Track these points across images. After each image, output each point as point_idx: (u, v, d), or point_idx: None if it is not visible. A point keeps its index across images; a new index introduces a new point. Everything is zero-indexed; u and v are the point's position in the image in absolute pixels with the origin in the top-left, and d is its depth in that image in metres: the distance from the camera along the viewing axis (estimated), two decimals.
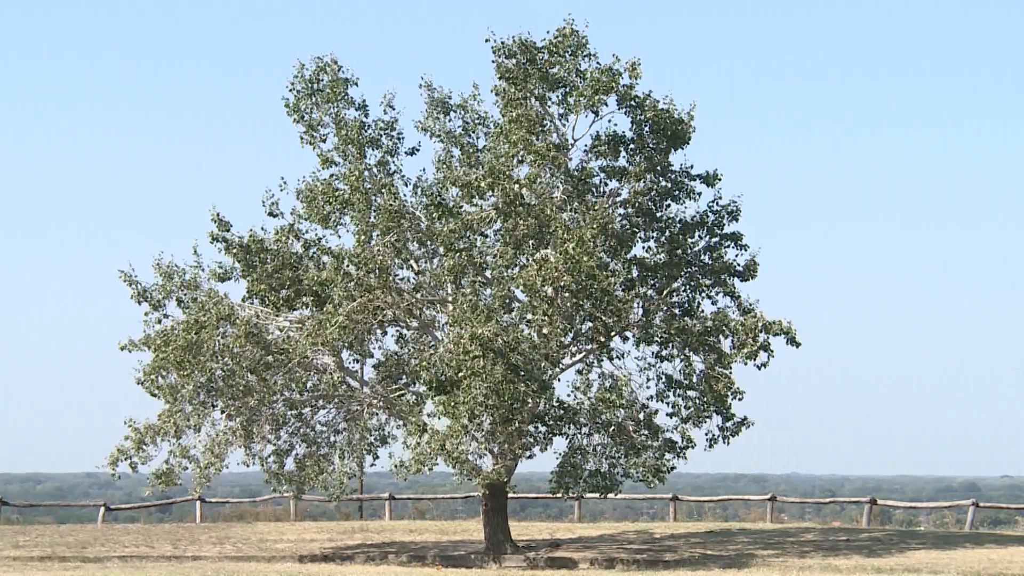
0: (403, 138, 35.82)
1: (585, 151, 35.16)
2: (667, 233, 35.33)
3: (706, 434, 34.57)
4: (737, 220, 35.62)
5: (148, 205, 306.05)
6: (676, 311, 34.92)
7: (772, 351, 33.98)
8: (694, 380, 34.50)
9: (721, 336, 34.22)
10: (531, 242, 34.04)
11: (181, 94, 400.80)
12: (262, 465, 34.90)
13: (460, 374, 32.09)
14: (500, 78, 34.50)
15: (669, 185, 35.19)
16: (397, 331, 35.91)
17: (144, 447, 33.62)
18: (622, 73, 34.26)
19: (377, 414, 34.97)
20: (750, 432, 34.86)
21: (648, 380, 34.96)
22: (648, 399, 34.68)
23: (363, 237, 34.74)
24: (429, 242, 34.94)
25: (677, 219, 35.41)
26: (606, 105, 34.60)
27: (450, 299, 34.16)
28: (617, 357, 35.20)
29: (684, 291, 35.33)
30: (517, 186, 34.00)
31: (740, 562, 32.48)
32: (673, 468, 34.62)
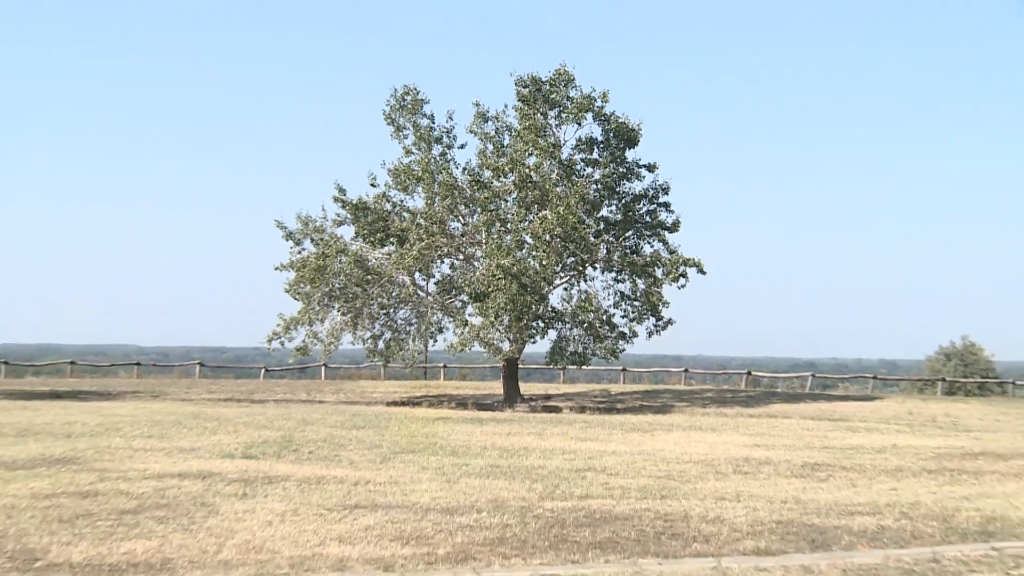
0: (456, 138, 35.76)
1: (571, 148, 35.24)
2: (623, 202, 35.42)
3: (646, 329, 34.90)
4: (667, 193, 35.81)
5: (298, 177, 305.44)
6: (627, 251, 35.00)
7: (688, 277, 34.25)
8: (638, 295, 34.71)
9: (656, 267, 34.40)
10: (536, 206, 34.16)
11: (322, 103, 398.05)
12: (363, 344, 35.23)
13: (489, 289, 32.34)
14: (519, 100, 34.68)
15: (624, 171, 35.30)
16: (450, 261, 36.05)
17: (289, 331, 34.03)
18: (596, 99, 34.38)
19: (436, 313, 35.15)
20: (673, 328, 35.14)
21: (609, 295, 35.19)
22: (608, 307, 34.88)
23: (429, 201, 34.84)
24: (471, 205, 34.98)
25: (629, 193, 35.49)
26: (586, 119, 34.77)
27: (483, 242, 34.24)
28: (589, 280, 35.39)
29: (632, 239, 35.42)
30: (528, 170, 34.13)
31: (665, 409, 32.78)
32: (623, 350, 34.85)
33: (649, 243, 35.40)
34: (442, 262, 35.94)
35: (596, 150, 35.15)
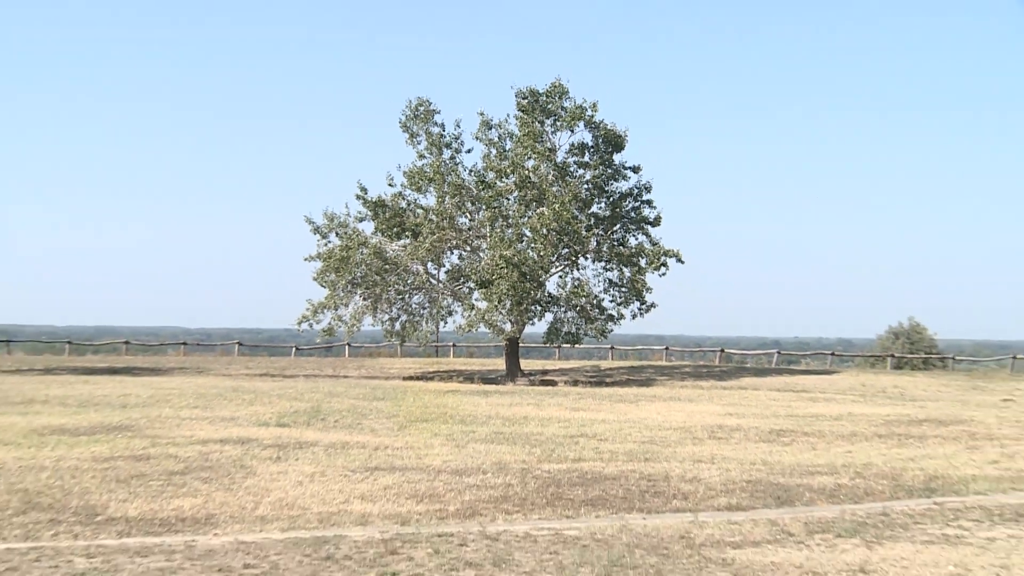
0: (464, 143, 35.54)
1: (565, 153, 35.01)
2: (611, 200, 35.25)
3: (631, 312, 34.80)
4: (650, 192, 35.58)
5: (324, 178, 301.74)
6: (615, 243, 34.90)
7: (668, 266, 34.18)
8: (624, 282, 34.61)
9: (640, 258, 34.32)
10: (534, 204, 34.04)
11: (347, 113, 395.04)
12: (382, 326, 35.18)
13: (493, 277, 32.31)
14: (519, 109, 34.60)
15: (612, 172, 35.13)
16: (459, 252, 35.95)
17: (317, 315, 33.92)
18: (587, 109, 34.25)
19: (447, 298, 35.12)
20: (655, 311, 35.05)
21: (598, 282, 35.03)
22: (598, 293, 34.76)
23: (440, 199, 34.70)
24: (477, 203, 34.90)
25: (616, 192, 35.34)
26: (578, 127, 34.59)
27: (488, 235, 34.20)
28: (581, 269, 35.25)
29: (619, 232, 35.28)
30: (527, 172, 34.05)
31: (648, 383, 32.80)
32: (611, 331, 34.83)
33: (634, 236, 35.30)
34: (451, 253, 35.84)
35: (587, 154, 35.03)
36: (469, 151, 35.95)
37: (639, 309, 34.69)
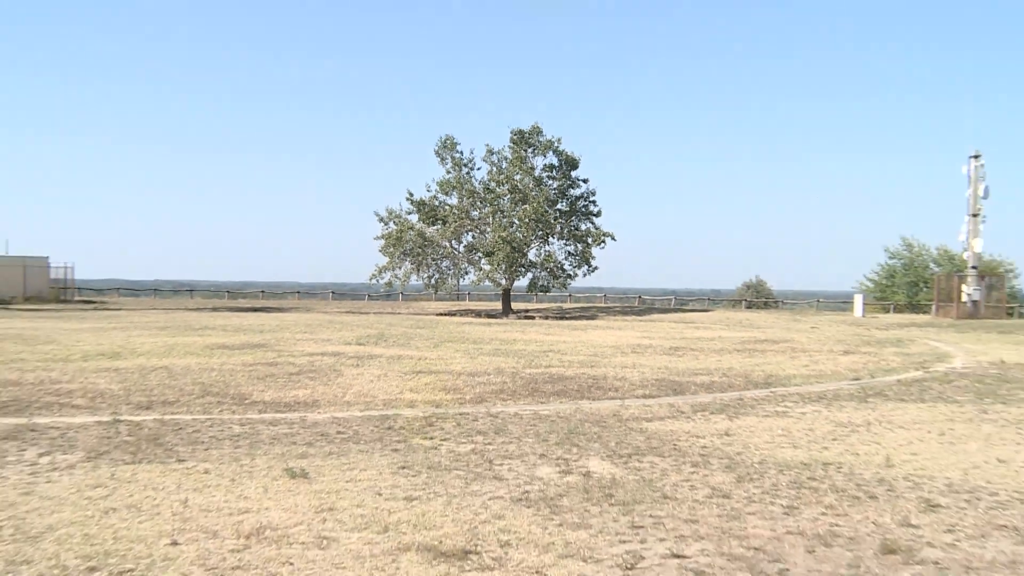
0: (475, 164, 35.27)
1: (541, 170, 34.64)
2: (569, 200, 34.94)
3: (583, 272, 34.66)
4: (595, 195, 35.26)
5: (388, 184, 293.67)
6: (572, 229, 34.70)
7: (606, 242, 34.04)
8: (578, 253, 34.45)
9: (588, 238, 34.17)
10: (520, 203, 33.78)
11: (406, 143, 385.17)
12: (423, 281, 35.08)
13: (494, 250, 32.15)
14: (511, 142, 34.17)
15: (570, 182, 34.82)
16: (472, 234, 35.74)
17: (381, 273, 33.82)
18: (555, 142, 33.92)
19: (464, 263, 34.99)
20: (598, 271, 34.95)
21: (562, 254, 34.80)
22: (561, 260, 34.59)
23: (460, 200, 34.46)
24: (483, 202, 34.63)
25: (573, 195, 35.02)
26: (549, 153, 34.23)
27: (491, 223, 33.97)
28: (550, 245, 35.03)
29: (575, 221, 35.03)
30: (516, 183, 33.71)
31: (593, 318, 32.79)
32: (570, 284, 34.78)
33: (584, 223, 35.08)
34: (467, 234, 35.66)
35: (555, 171, 34.68)
36: (479, 169, 35.74)
37: (587, 270, 34.59)
